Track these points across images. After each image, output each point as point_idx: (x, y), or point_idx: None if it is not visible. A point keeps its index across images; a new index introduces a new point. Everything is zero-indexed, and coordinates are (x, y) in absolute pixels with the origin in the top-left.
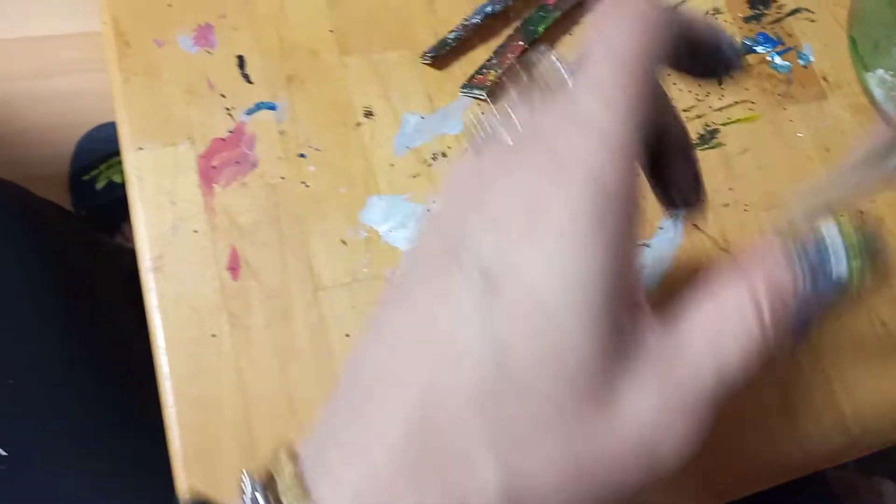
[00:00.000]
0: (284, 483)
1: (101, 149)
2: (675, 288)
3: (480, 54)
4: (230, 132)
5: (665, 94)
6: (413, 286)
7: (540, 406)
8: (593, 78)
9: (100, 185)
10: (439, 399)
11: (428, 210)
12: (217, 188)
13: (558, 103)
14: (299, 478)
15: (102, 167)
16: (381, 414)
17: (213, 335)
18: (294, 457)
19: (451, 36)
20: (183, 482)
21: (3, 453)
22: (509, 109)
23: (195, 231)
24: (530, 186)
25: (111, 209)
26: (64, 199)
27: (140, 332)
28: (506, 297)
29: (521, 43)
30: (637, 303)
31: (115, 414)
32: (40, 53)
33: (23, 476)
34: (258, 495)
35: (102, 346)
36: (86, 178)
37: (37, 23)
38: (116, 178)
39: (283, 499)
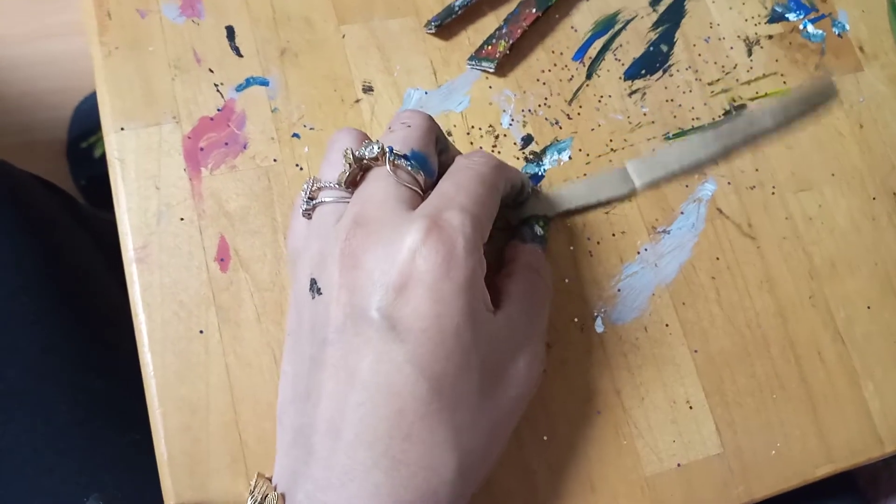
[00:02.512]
0: None
1: (99, 114)
2: (695, 278)
3: (490, 22)
4: (219, 110)
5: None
6: (324, 346)
7: (468, 397)
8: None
9: (98, 152)
10: (390, 424)
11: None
12: (205, 172)
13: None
14: None
15: (100, 134)
16: (345, 452)
17: (201, 331)
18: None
19: (458, 3)
20: (169, 487)
21: None
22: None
23: (181, 218)
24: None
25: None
26: (63, 168)
27: (129, 314)
28: (411, 337)
29: (533, 10)
30: (488, 305)
31: (104, 402)
32: (39, 15)
33: (7, 470)
34: None
35: (89, 330)
36: (84, 145)
37: None
38: None
39: None
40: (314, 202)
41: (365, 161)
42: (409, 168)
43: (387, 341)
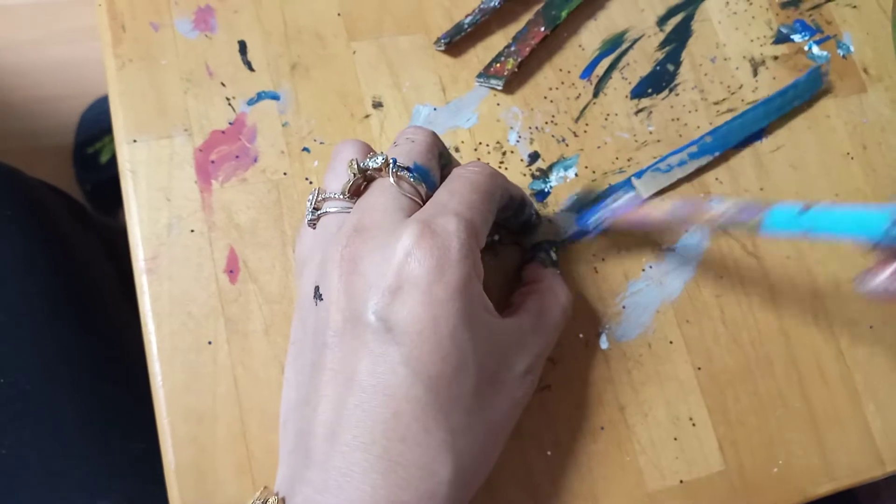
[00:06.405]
0: None
1: (105, 120)
2: (699, 296)
3: (498, 41)
4: (230, 124)
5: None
6: (323, 349)
7: (464, 399)
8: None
9: (104, 157)
10: (387, 426)
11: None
12: (215, 184)
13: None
14: None
15: (107, 139)
16: (342, 454)
17: (210, 342)
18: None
19: (468, 20)
20: (176, 496)
21: None
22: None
23: (192, 230)
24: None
25: (116, 184)
26: (69, 173)
27: (137, 322)
28: (406, 340)
29: (542, 29)
30: (489, 309)
31: (112, 409)
32: (47, 20)
33: (16, 474)
34: None
35: (98, 337)
36: (90, 150)
37: None
38: None
39: None
40: (319, 212)
41: (369, 172)
42: (412, 179)
43: (383, 343)
